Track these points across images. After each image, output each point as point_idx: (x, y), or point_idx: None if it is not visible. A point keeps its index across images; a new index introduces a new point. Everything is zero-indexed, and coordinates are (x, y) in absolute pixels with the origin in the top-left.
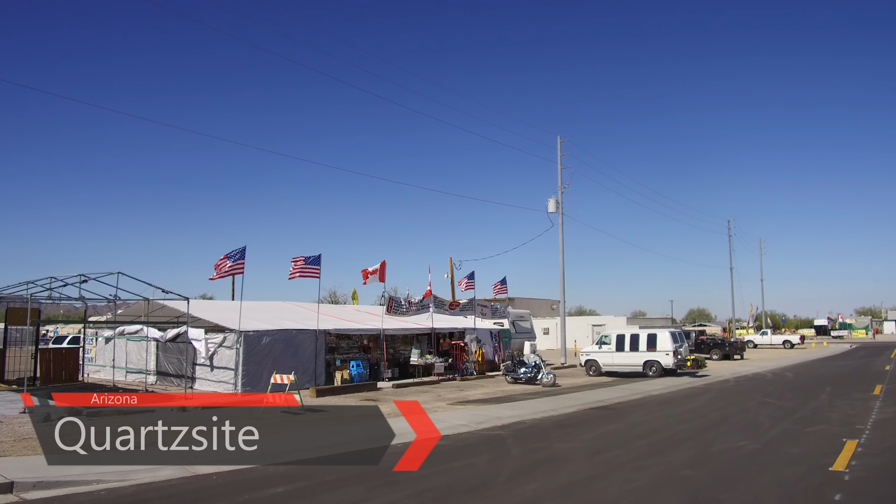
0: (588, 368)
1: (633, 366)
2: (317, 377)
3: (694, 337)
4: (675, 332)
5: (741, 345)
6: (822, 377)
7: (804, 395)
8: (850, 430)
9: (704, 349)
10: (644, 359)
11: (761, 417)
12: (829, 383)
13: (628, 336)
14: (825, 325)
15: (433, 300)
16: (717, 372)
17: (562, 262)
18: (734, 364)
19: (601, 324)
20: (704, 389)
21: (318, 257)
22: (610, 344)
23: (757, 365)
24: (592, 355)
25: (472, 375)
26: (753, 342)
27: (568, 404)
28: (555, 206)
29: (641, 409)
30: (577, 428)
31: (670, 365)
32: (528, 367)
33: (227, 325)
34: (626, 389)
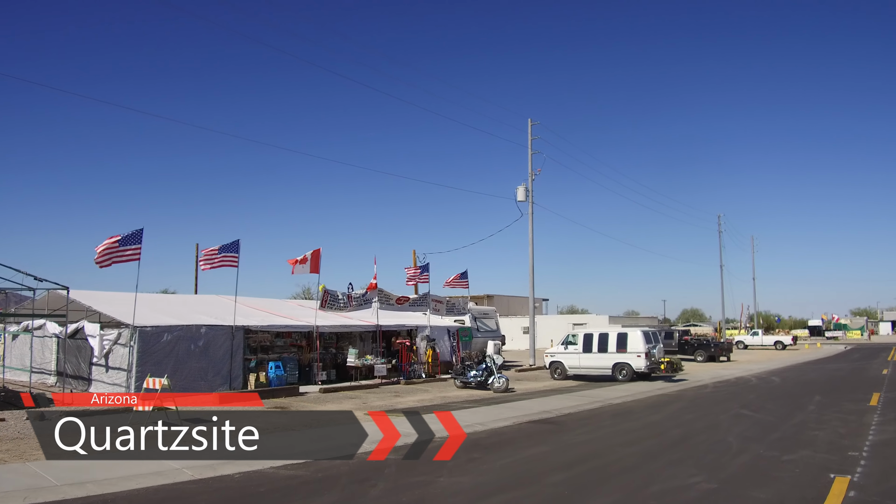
0: (553, 371)
1: (602, 368)
2: (232, 380)
3: (677, 337)
4: (647, 332)
5: (728, 346)
6: (812, 382)
7: (789, 405)
8: (840, 458)
9: (688, 350)
10: (613, 361)
11: (731, 437)
12: (819, 390)
13: (596, 336)
14: (819, 326)
15: (378, 294)
16: (697, 376)
17: (531, 255)
18: (718, 367)
19: (582, 322)
20: (675, 397)
21: (235, 243)
22: (577, 344)
23: (742, 368)
24: (558, 357)
25: (419, 378)
26: (743, 343)
27: (506, 416)
28: (524, 195)
29: (589, 424)
30: (492, 451)
31: (642, 368)
32: (478, 371)
33: (123, 320)
34: (585, 397)
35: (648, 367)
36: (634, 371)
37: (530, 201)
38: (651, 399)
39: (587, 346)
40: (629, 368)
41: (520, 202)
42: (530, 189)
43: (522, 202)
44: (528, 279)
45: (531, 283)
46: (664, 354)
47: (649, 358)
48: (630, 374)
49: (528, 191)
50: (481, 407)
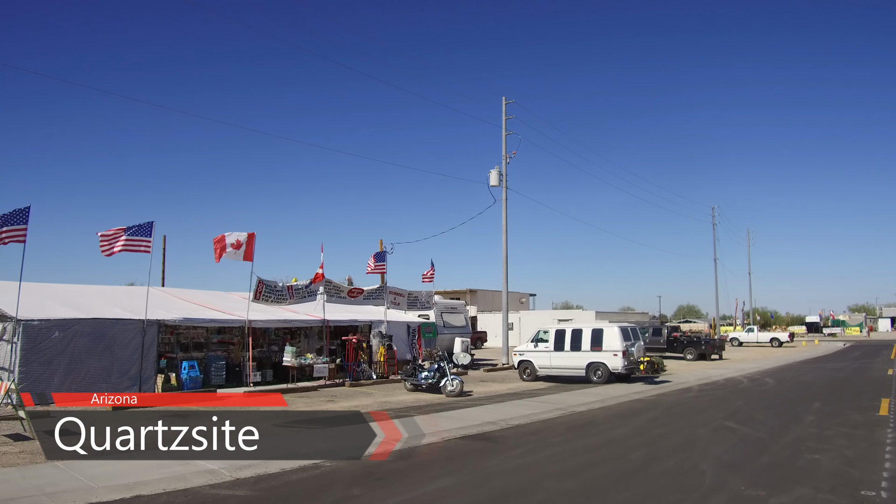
0: (522, 371)
1: (575, 369)
2: (143, 382)
3: (666, 334)
4: (626, 328)
5: (720, 343)
6: (811, 385)
7: (783, 414)
8: (851, 500)
9: (677, 348)
10: (587, 360)
11: (706, 463)
12: (818, 395)
13: (569, 332)
14: (817, 323)
15: (325, 285)
16: (682, 377)
17: (504, 244)
18: (708, 366)
19: (567, 318)
20: (651, 404)
21: (148, 225)
22: (547, 342)
23: (734, 367)
24: (527, 355)
25: (368, 380)
26: (738, 340)
27: (440, 428)
28: (497, 179)
29: (533, 442)
30: (385, 485)
31: (619, 368)
32: (430, 372)
33: (8, 312)
34: (546, 403)
35: (626, 367)
36: (611, 371)
37: (504, 186)
38: (622, 406)
39: (559, 343)
40: (605, 369)
41: (493, 187)
42: (504, 173)
43: (496, 187)
44: (523, 273)
45: (504, 273)
46: (645, 353)
47: (627, 357)
48: (606, 375)
49: (501, 175)
50: (419, 416)
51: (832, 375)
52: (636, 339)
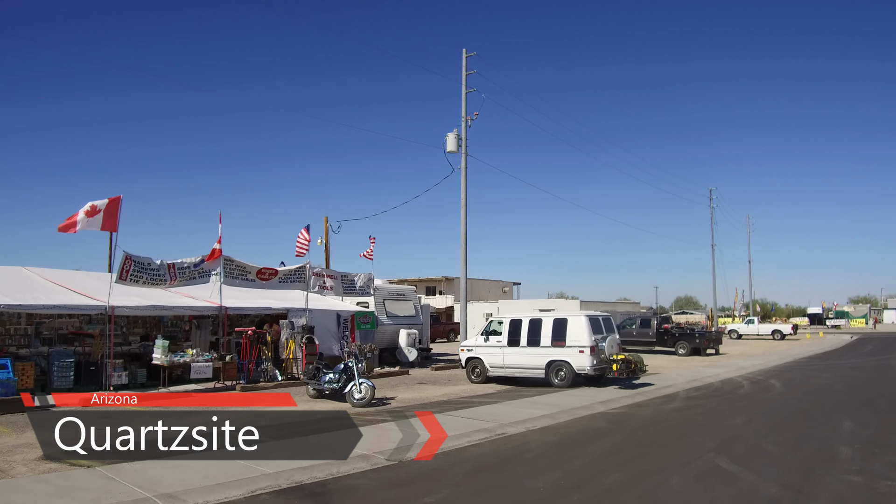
0: (470, 371)
1: (532, 368)
2: None
3: (655, 326)
4: (596, 318)
5: (716, 336)
6: (829, 390)
7: (802, 444)
8: None
9: (668, 341)
10: (547, 358)
11: None
12: (843, 407)
13: (526, 323)
14: (819, 314)
15: (222, 264)
16: (668, 378)
17: (463, 219)
18: (702, 363)
19: (550, 308)
20: (616, 422)
21: None
22: (501, 334)
23: (733, 365)
24: (476, 351)
25: (270, 382)
26: (737, 332)
27: (272, 471)
28: (455, 144)
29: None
30: None
31: (586, 368)
32: (335, 374)
33: None
34: (472, 419)
35: (595, 366)
36: (576, 372)
37: (463, 153)
38: (575, 425)
39: (513, 336)
40: (568, 369)
41: (450, 153)
42: (464, 137)
43: (454, 154)
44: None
45: (463, 253)
46: (622, 349)
47: (596, 354)
48: (569, 376)
49: (460, 139)
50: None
51: (851, 376)
52: (609, 332)
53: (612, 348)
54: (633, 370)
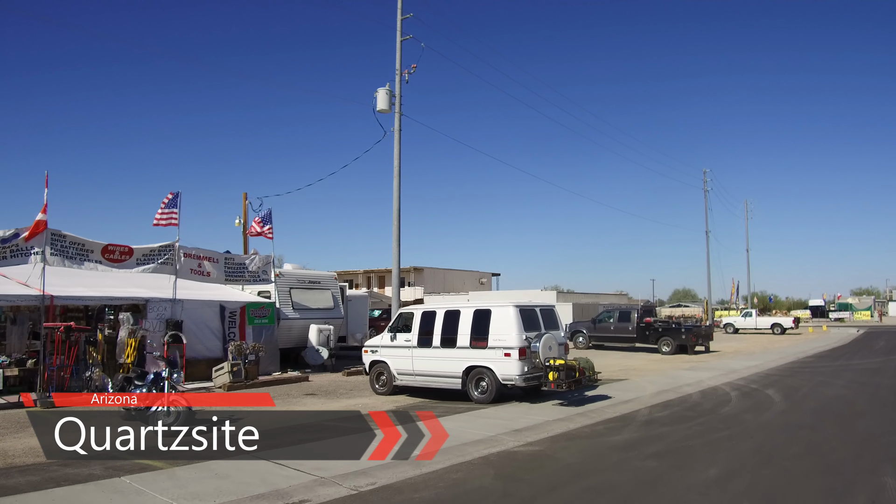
0: (374, 379)
1: (446, 377)
2: None
3: (636, 319)
4: (530, 309)
5: (706, 331)
6: (848, 409)
7: None
8: None
9: (650, 337)
10: (465, 363)
11: None
12: (876, 441)
13: (441, 316)
14: (822, 306)
15: (48, 240)
16: (634, 387)
17: (396, 191)
18: (686, 363)
19: None
20: (511, 480)
21: None
22: (409, 331)
23: (722, 367)
24: (382, 353)
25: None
26: (733, 326)
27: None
28: (387, 102)
29: None
30: None
31: (513, 377)
32: (145, 387)
33: None
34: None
35: (525, 375)
36: (501, 382)
37: (397, 111)
38: (438, 487)
39: (425, 333)
40: (491, 379)
41: (381, 113)
42: (398, 93)
43: (385, 113)
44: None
45: (395, 235)
46: (564, 353)
47: (528, 358)
48: (493, 388)
49: (392, 96)
50: None
51: (873, 384)
52: (552, 328)
53: (552, 350)
54: (577, 380)
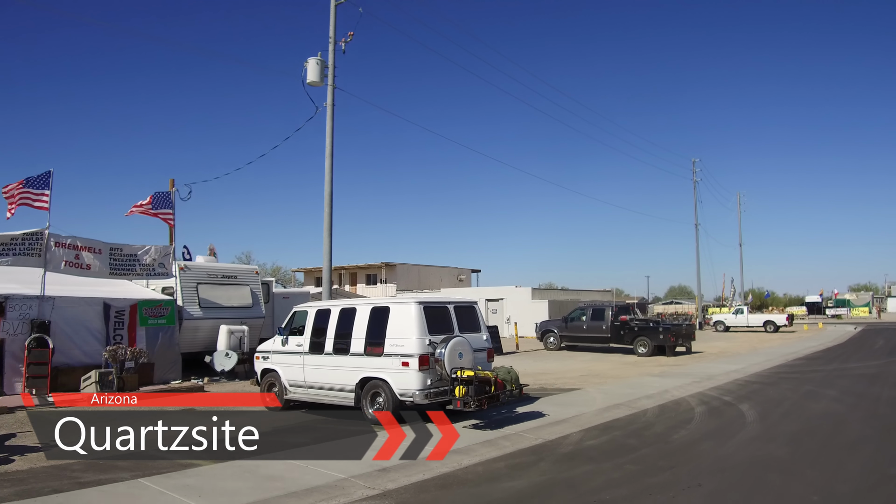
0: (266, 390)
1: (339, 391)
2: None
3: (610, 318)
4: (438, 307)
5: (687, 331)
6: (838, 431)
7: None
8: None
9: (626, 337)
10: (359, 374)
11: None
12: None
13: (335, 316)
14: (819, 303)
15: None
16: (580, 401)
17: (328, 173)
18: (657, 369)
19: (498, 297)
20: None
21: None
22: (302, 335)
23: (698, 372)
24: (273, 360)
25: None
26: (724, 323)
27: None
28: (318, 73)
29: None
30: None
31: (413, 392)
32: None
33: None
34: None
35: (428, 390)
36: (399, 398)
37: (330, 84)
38: None
39: (318, 336)
40: (388, 394)
41: (312, 86)
42: (331, 64)
43: (317, 86)
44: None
45: (327, 220)
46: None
47: (433, 368)
48: (391, 404)
49: (325, 66)
50: None
51: (870, 395)
52: (469, 330)
53: (462, 358)
54: (492, 397)
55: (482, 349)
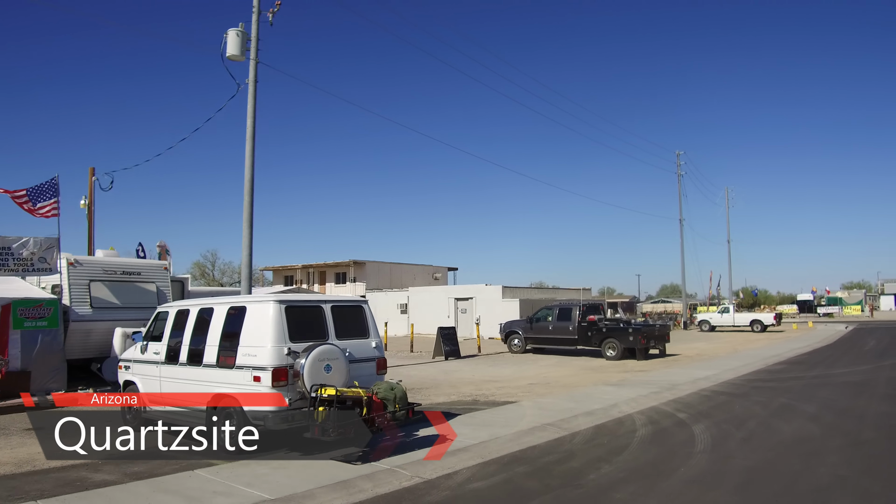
0: (126, 409)
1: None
2: None
3: (577, 318)
4: (310, 307)
5: (660, 331)
6: (807, 471)
7: None
8: None
9: (594, 339)
10: (212, 390)
11: None
12: None
13: (193, 317)
14: (810, 301)
15: None
16: (509, 418)
17: (249, 157)
18: (618, 376)
19: (467, 296)
20: None
21: None
22: (161, 340)
23: (662, 380)
24: (133, 371)
25: None
26: (709, 323)
27: None
28: (239, 47)
29: None
30: None
31: (266, 414)
32: None
33: None
34: None
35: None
36: (250, 421)
37: (252, 58)
38: None
39: (175, 342)
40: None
41: (232, 60)
42: (254, 36)
43: (237, 60)
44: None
45: (247, 210)
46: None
47: (289, 384)
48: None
49: (245, 37)
50: None
51: (854, 412)
52: (353, 335)
53: (330, 372)
54: (367, 420)
55: (368, 359)
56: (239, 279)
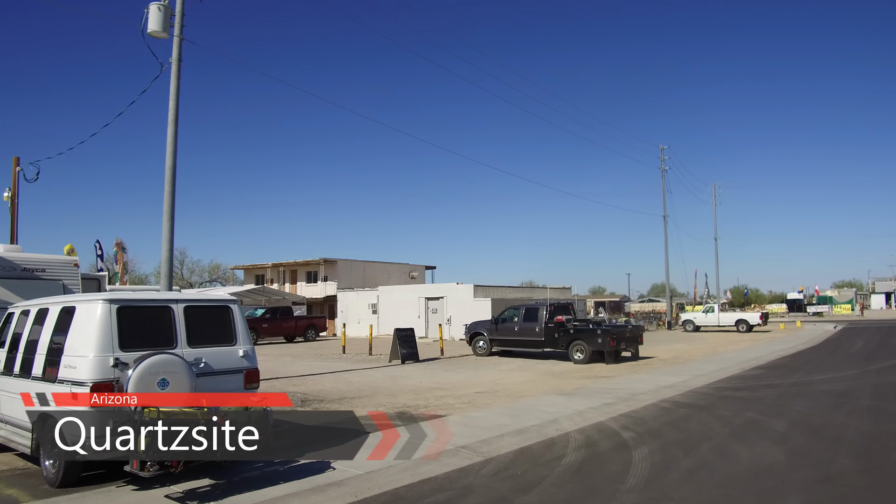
0: None
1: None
2: None
3: (544, 319)
4: (156, 307)
5: (632, 332)
6: None
7: None
8: None
9: (561, 341)
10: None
11: None
12: None
13: (31, 318)
14: (800, 300)
15: None
16: (421, 440)
17: (171, 142)
18: (576, 383)
19: (438, 296)
20: None
21: None
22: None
23: (621, 388)
24: None
25: None
26: (693, 323)
27: None
28: (161, 23)
29: None
30: None
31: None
32: None
33: None
34: None
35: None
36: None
37: (177, 35)
38: None
39: (12, 351)
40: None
41: (153, 36)
42: (178, 10)
43: (159, 37)
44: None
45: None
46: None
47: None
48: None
49: (169, 12)
50: None
51: (831, 430)
52: (216, 342)
53: (168, 387)
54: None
55: (232, 371)
56: (209, 278)
